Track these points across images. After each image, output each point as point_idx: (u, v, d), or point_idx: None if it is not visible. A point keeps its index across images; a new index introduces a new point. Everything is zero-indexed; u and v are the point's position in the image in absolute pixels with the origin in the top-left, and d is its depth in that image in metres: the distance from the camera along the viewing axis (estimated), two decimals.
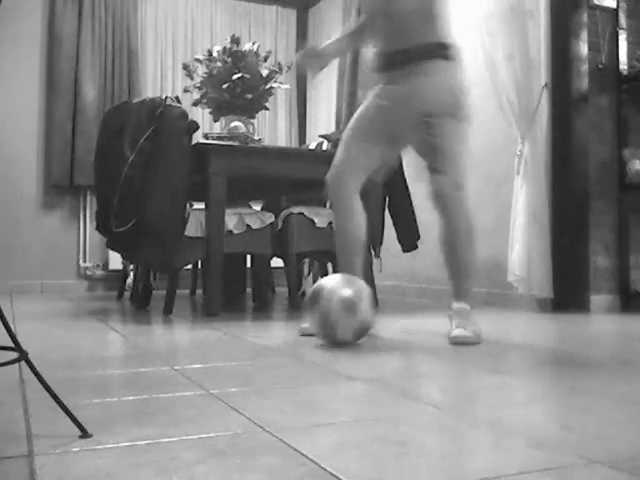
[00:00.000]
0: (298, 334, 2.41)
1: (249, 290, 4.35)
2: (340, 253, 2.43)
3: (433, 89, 2.28)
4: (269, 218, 3.37)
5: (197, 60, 3.86)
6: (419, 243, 3.81)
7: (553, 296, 3.42)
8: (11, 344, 1.14)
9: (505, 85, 3.44)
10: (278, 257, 3.70)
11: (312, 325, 2.21)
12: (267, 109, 3.97)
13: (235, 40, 3.73)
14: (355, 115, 2.48)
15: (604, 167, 3.56)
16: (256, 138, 3.61)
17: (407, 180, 3.80)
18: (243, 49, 3.72)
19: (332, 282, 2.20)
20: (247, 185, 3.77)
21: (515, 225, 3.43)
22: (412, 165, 4.41)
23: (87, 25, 4.99)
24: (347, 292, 2.14)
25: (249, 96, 3.66)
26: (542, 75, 3.49)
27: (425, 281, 4.41)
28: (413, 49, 2.29)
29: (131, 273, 4.24)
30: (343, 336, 2.13)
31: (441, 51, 2.28)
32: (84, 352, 2.05)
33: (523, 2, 3.46)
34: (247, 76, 3.63)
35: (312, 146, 4.24)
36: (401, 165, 3.78)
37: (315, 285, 2.23)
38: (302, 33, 6.02)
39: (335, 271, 4.11)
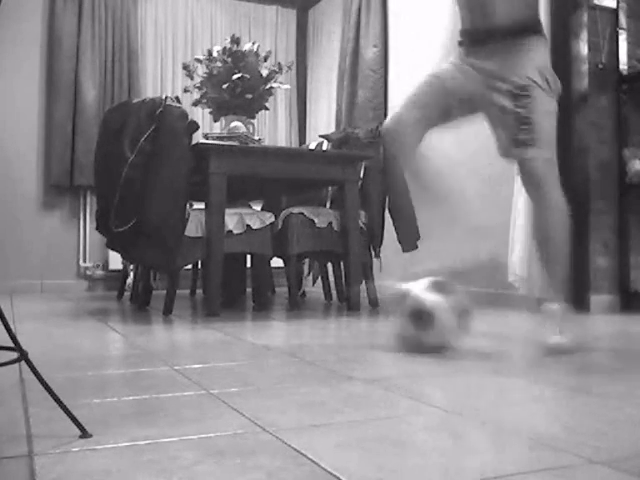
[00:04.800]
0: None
1: (249, 290, 4.35)
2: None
3: (529, 62, 2.13)
4: (269, 218, 3.37)
5: (197, 60, 3.86)
6: (419, 243, 3.81)
7: None
8: (11, 344, 1.14)
9: None
10: (278, 257, 3.70)
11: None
12: (267, 109, 3.97)
13: (235, 40, 3.73)
14: (432, 75, 2.26)
15: (604, 167, 3.56)
16: (256, 138, 3.61)
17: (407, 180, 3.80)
18: (243, 49, 3.72)
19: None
20: (247, 185, 3.77)
21: (515, 225, 3.43)
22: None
23: (87, 25, 4.99)
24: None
25: (249, 96, 3.66)
26: None
27: None
28: (502, 27, 2.15)
29: (131, 273, 4.24)
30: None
31: (530, 28, 2.17)
32: (84, 352, 2.05)
33: None
34: (247, 76, 3.63)
35: (312, 146, 4.24)
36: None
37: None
38: (302, 33, 6.02)
39: (337, 268, 4.13)
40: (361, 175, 3.71)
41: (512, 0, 2.15)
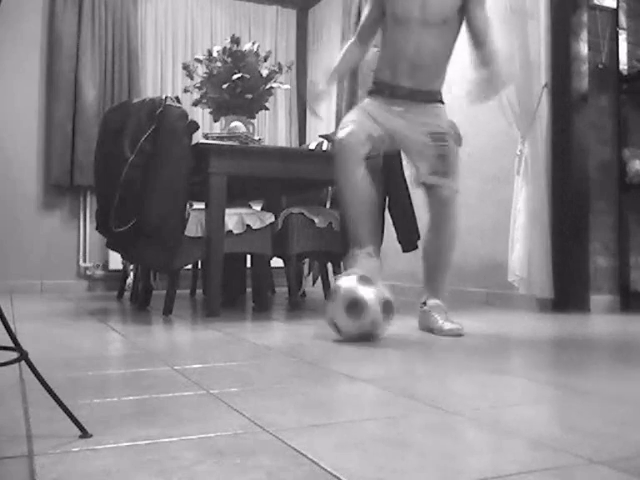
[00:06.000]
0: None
1: (249, 290, 4.35)
2: (353, 214, 2.63)
3: (443, 118, 2.74)
4: (269, 218, 3.37)
5: (197, 60, 3.86)
6: (419, 243, 3.81)
7: (553, 296, 3.42)
8: (11, 344, 1.14)
9: None
10: (278, 257, 3.69)
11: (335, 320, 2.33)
12: (267, 109, 3.97)
13: (235, 40, 3.73)
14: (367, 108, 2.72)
15: (604, 167, 3.56)
16: (256, 138, 3.61)
17: (407, 180, 3.80)
18: (243, 49, 3.72)
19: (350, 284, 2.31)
20: (247, 185, 3.77)
21: (515, 225, 3.43)
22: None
23: (87, 25, 4.99)
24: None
25: (249, 96, 3.66)
26: (542, 75, 3.49)
27: None
28: (422, 91, 2.69)
29: (131, 273, 4.24)
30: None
31: (439, 96, 2.76)
32: (84, 352, 2.06)
33: (523, 2, 3.46)
34: (247, 76, 3.63)
35: (312, 146, 4.24)
36: (401, 165, 3.78)
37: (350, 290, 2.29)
38: (302, 33, 6.02)
39: (337, 268, 4.13)
40: None
41: (436, 73, 2.69)
